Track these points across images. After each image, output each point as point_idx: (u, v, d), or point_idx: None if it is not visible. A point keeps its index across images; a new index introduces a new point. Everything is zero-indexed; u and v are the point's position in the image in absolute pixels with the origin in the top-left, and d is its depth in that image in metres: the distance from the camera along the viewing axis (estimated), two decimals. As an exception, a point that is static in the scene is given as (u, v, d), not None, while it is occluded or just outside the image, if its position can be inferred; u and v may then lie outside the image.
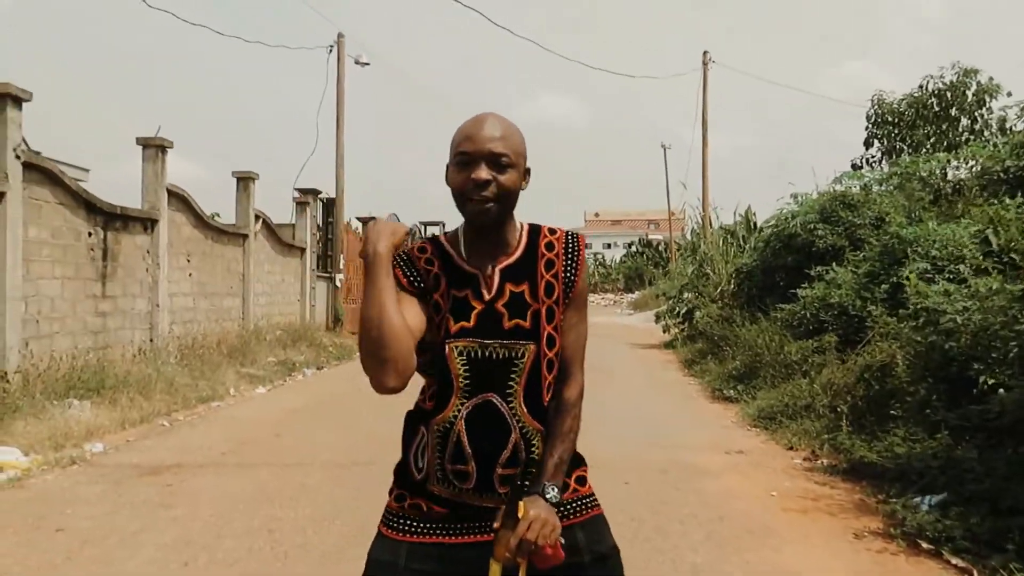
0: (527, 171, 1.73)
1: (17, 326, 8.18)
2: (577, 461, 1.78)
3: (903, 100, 15.09)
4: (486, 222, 1.67)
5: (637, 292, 40.84)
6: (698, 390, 9.72)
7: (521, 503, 1.60)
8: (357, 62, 19.90)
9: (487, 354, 1.68)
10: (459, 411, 1.68)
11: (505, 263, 1.72)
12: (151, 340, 10.82)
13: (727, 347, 10.57)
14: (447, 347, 1.69)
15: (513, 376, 1.69)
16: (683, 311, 15.06)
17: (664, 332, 16.04)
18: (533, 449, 1.69)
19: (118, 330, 10.19)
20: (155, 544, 3.98)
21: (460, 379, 1.68)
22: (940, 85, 14.58)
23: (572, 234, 1.80)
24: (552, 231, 1.79)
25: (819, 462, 5.64)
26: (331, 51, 19.29)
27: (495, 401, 1.68)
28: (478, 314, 1.69)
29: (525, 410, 1.69)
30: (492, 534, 1.63)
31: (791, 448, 6.18)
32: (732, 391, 8.76)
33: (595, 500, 1.79)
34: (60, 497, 4.91)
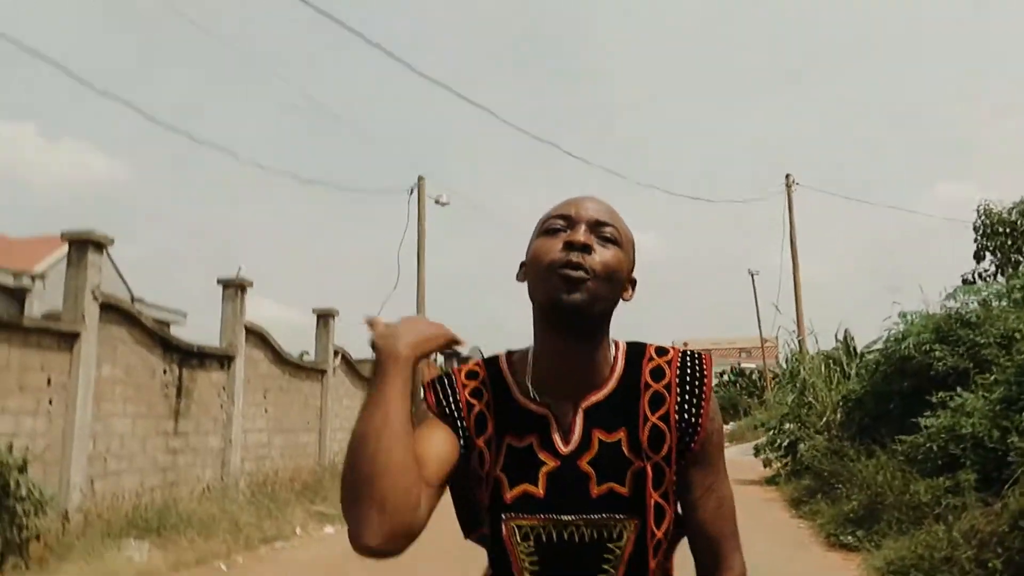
0: (633, 279, 1.21)
1: (82, 464, 7.99)
2: None
3: (1013, 208, 14.10)
4: (575, 305, 1.12)
5: (732, 423, 38.91)
6: (810, 535, 8.56)
7: None
8: (437, 202, 20.34)
9: (566, 537, 1.14)
10: None
11: (592, 400, 1.19)
12: (221, 478, 10.51)
13: (839, 484, 9.41)
14: (504, 526, 1.15)
15: (607, 570, 1.14)
16: (785, 443, 13.84)
17: (765, 467, 14.74)
18: None
19: (188, 467, 9.92)
20: None
21: (526, 572, 1.15)
22: (1053, 191, 13.57)
23: (691, 354, 1.23)
24: (662, 351, 1.23)
25: (975, 633, 4.57)
26: (412, 193, 19.80)
27: None
28: (550, 475, 1.16)
29: None
30: None
31: (934, 612, 5.10)
32: (850, 537, 7.63)
33: None
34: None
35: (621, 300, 1.19)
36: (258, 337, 11.85)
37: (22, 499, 6.86)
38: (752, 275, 38.46)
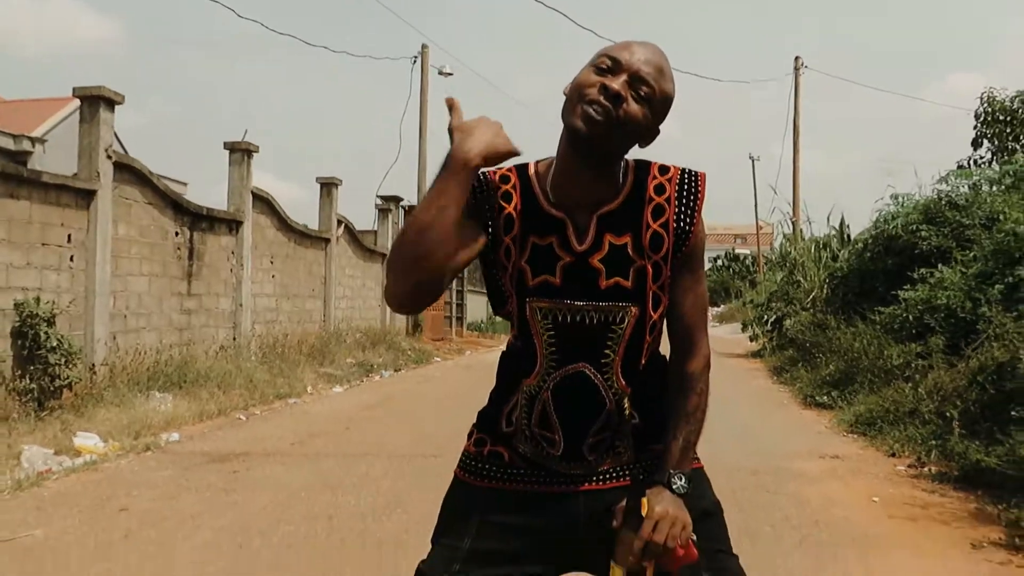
0: (657, 130, 1.41)
1: (105, 320, 8.40)
2: None
3: (1016, 97, 14.04)
4: (591, 138, 1.33)
5: (723, 305, 39.74)
6: (789, 397, 9.16)
7: (644, 499, 1.35)
8: (440, 72, 20.06)
9: (578, 319, 1.40)
10: (545, 381, 1.43)
11: (605, 209, 1.41)
12: (234, 338, 11.00)
13: (820, 354, 9.95)
14: (527, 307, 1.41)
15: (610, 344, 1.41)
16: (772, 319, 14.38)
17: (751, 341, 15.37)
18: (624, 411, 1.44)
19: (202, 327, 10.38)
20: (212, 527, 3.86)
21: (545, 346, 1.42)
22: (1058, 79, 13.50)
23: (689, 172, 1.46)
24: (664, 170, 1.45)
25: (926, 469, 5.11)
26: (415, 62, 19.51)
27: (588, 372, 1.41)
28: (565, 268, 1.40)
29: (622, 378, 1.42)
30: (575, 485, 1.44)
31: (893, 455, 5.64)
32: (826, 397, 8.19)
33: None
34: (129, 480, 4.89)
35: (636, 146, 1.41)
36: (264, 203, 12.07)
37: (52, 350, 7.30)
38: (753, 160, 38.38)
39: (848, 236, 17.15)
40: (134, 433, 6.36)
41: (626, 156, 1.44)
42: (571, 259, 1.40)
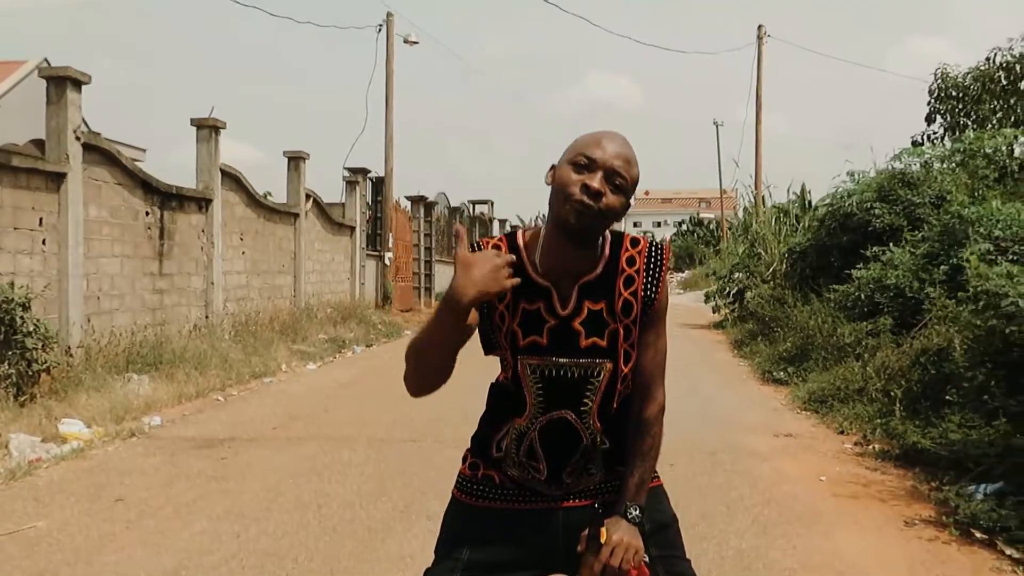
0: (629, 205, 1.67)
1: (79, 302, 8.47)
2: None
3: (968, 74, 14.50)
4: (578, 229, 1.59)
5: (687, 271, 40.39)
6: (748, 372, 9.59)
7: (602, 528, 1.62)
8: (406, 41, 19.93)
9: (562, 373, 1.67)
10: (533, 424, 1.70)
11: (585, 279, 1.67)
12: (206, 317, 11.11)
13: (778, 328, 10.39)
14: (519, 363, 1.69)
15: (588, 394, 1.68)
16: (733, 291, 14.83)
17: (714, 312, 15.83)
18: (597, 443, 1.72)
19: (175, 307, 10.47)
20: (208, 516, 4.11)
21: (534, 395, 1.69)
22: (1009, 58, 13.95)
23: (656, 246, 1.74)
24: (635, 242, 1.73)
25: (871, 447, 5.52)
26: (380, 30, 19.35)
27: (569, 418, 1.69)
28: (551, 330, 1.66)
29: (597, 421, 1.70)
30: (555, 503, 1.73)
31: (842, 432, 6.06)
32: (782, 373, 8.62)
33: (655, 473, 1.80)
34: (120, 468, 5.09)
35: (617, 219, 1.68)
36: (233, 180, 12.09)
37: (29, 334, 7.38)
38: (717, 126, 38.71)
39: (810, 203, 17.65)
40: (116, 418, 6.53)
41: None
42: (556, 322, 1.66)
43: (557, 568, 1.77)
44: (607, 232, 1.72)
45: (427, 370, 1.63)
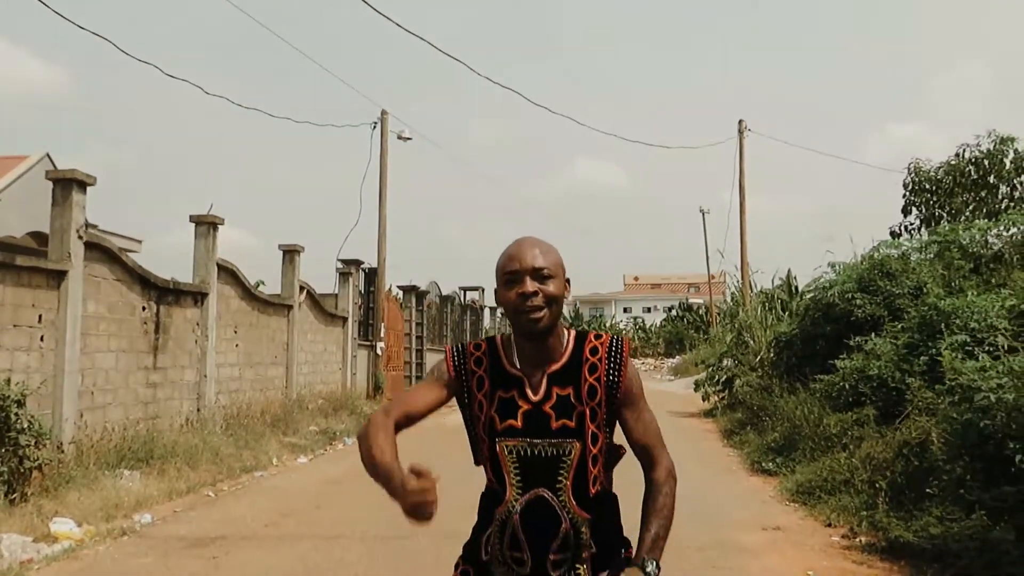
0: (567, 280, 1.94)
1: (73, 398, 8.54)
2: (623, 546, 1.98)
3: (940, 168, 15.11)
4: (537, 330, 1.87)
5: (678, 357, 40.49)
6: (738, 462, 9.64)
7: None
8: (400, 137, 20.60)
9: (536, 452, 1.88)
10: (514, 506, 1.88)
11: (552, 368, 1.91)
12: (198, 410, 11.14)
13: (766, 418, 10.50)
14: (497, 445, 1.90)
15: (562, 472, 1.87)
16: (722, 379, 14.98)
17: (704, 400, 15.92)
18: (582, 536, 1.87)
19: (167, 400, 10.53)
20: (201, 618, 4.13)
21: (512, 475, 1.89)
22: (977, 153, 14.58)
23: (616, 337, 1.98)
24: (598, 336, 1.99)
25: (857, 540, 5.58)
26: (375, 127, 20.03)
27: (546, 496, 1.87)
28: (525, 414, 1.88)
29: (574, 502, 1.88)
30: None
31: (829, 524, 6.12)
32: (771, 464, 8.69)
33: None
34: (110, 570, 5.10)
35: (564, 299, 1.93)
36: (228, 273, 12.33)
37: (22, 431, 7.43)
38: (703, 213, 39.56)
39: (796, 288, 18.00)
40: (107, 516, 6.54)
41: (568, 328, 1.99)
42: (528, 407, 1.89)
43: None
44: (571, 331, 1.98)
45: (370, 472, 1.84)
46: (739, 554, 5.36)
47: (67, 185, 8.67)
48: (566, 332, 1.96)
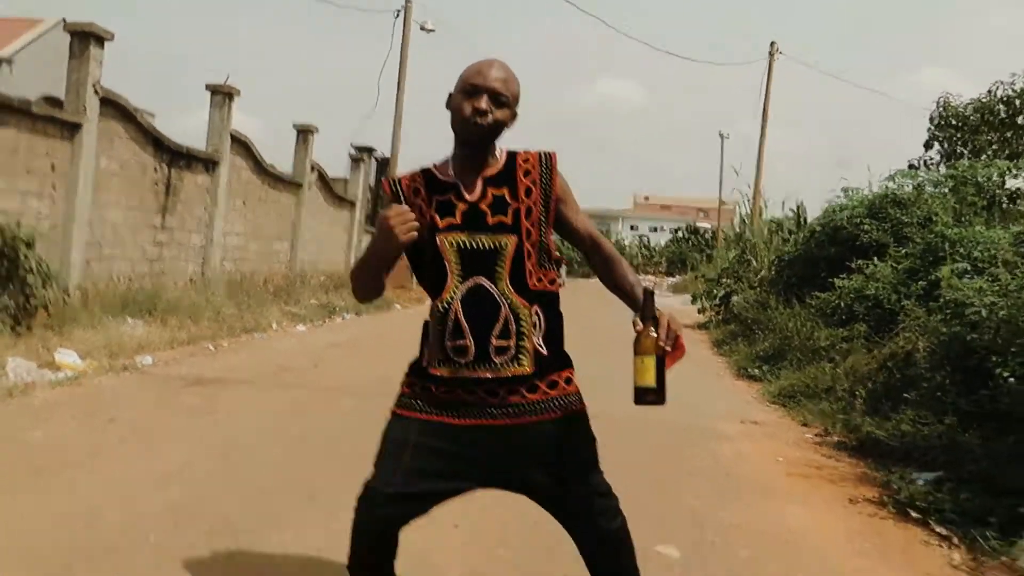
0: (516, 114, 2.05)
1: (81, 246, 8.70)
2: (565, 363, 2.08)
3: (969, 104, 14.80)
4: (475, 141, 1.99)
5: (679, 276, 40.64)
6: (725, 368, 9.84)
7: (648, 320, 1.94)
8: (423, 28, 20.14)
9: (475, 245, 1.99)
10: (455, 293, 1.99)
11: (487, 173, 2.03)
12: (203, 273, 11.34)
13: (758, 330, 10.65)
14: (439, 239, 1.99)
15: (499, 263, 1.99)
16: (721, 295, 15.10)
17: (699, 313, 16.09)
18: (522, 323, 1.98)
19: (173, 260, 10.70)
20: (197, 440, 4.34)
21: (452, 264, 1.99)
22: (1010, 92, 14.26)
23: (543, 152, 2.09)
24: (527, 154, 2.08)
25: (829, 438, 5.78)
26: (398, 16, 19.56)
27: (485, 284, 1.98)
28: (463, 212, 2.00)
29: (512, 290, 1.99)
30: (490, 419, 1.97)
31: (805, 424, 6.32)
32: (757, 370, 8.87)
33: (580, 399, 2.09)
34: (113, 396, 5.32)
35: (507, 127, 2.02)
36: (242, 146, 12.31)
37: (31, 271, 7.59)
38: (723, 137, 38.99)
39: (804, 219, 17.92)
40: (111, 353, 6.76)
41: (500, 147, 2.07)
42: (465, 206, 2.01)
43: (488, 480, 2.05)
44: (504, 149, 2.09)
45: (366, 283, 2.07)
46: (715, 438, 5.56)
47: (84, 38, 8.58)
48: (501, 149, 2.06)
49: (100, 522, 3.03)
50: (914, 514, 3.95)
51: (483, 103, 1.95)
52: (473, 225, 1.99)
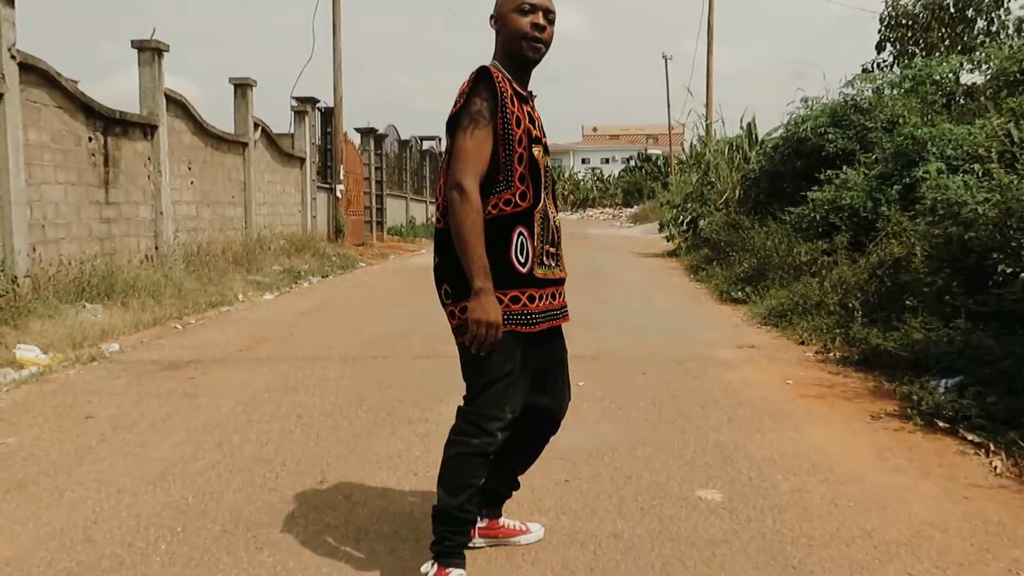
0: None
1: (24, 231, 8.13)
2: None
3: (918, 2, 14.64)
4: (536, 59, 2.19)
5: (636, 206, 40.66)
6: (705, 293, 9.77)
7: None
8: (352, -36, 19.19)
9: (547, 164, 2.28)
10: (547, 203, 2.23)
11: (533, 93, 2.27)
12: (156, 247, 10.80)
13: (733, 252, 10.56)
14: (535, 151, 2.18)
15: (554, 183, 2.33)
16: (687, 220, 15.00)
17: (668, 241, 16.02)
18: (560, 235, 2.34)
19: (123, 237, 10.15)
20: (186, 428, 4.05)
21: (542, 178, 2.21)
22: (958, -15, 14.11)
23: None
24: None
25: (831, 354, 5.71)
26: (325, -48, 18.57)
27: (549, 202, 2.28)
28: (540, 129, 2.25)
29: (554, 206, 2.32)
30: (562, 319, 2.35)
31: (802, 343, 6.25)
32: (740, 293, 8.80)
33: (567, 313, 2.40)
34: (85, 389, 4.97)
35: None
36: (178, 106, 11.63)
37: (-28, 262, 7.08)
38: (666, 59, 38.55)
39: (756, 136, 17.81)
40: (74, 344, 6.35)
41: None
42: (538, 124, 2.26)
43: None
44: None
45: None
46: (716, 367, 5.45)
47: (-9, -2, 7.84)
48: None
49: (99, 534, 2.76)
50: (941, 424, 3.87)
51: (540, 18, 2.13)
52: (545, 147, 2.27)
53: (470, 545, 2.39)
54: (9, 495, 3.14)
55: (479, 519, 2.48)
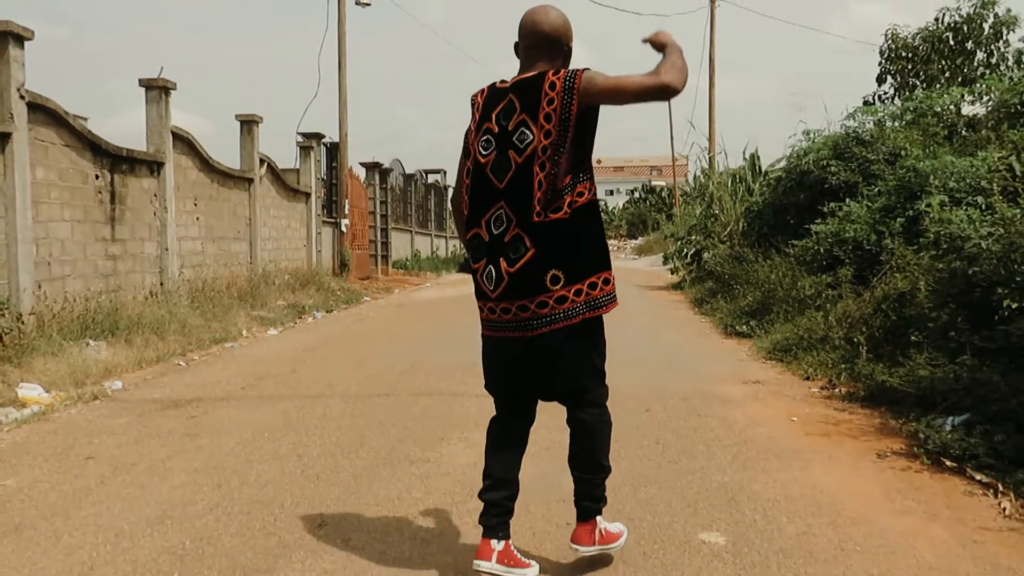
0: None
1: (29, 268, 8.17)
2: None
3: (918, 34, 14.78)
4: None
5: (641, 238, 40.71)
6: (710, 327, 9.73)
7: None
8: (358, 3, 19.49)
9: None
10: None
11: None
12: (161, 283, 10.83)
13: (738, 285, 10.54)
14: None
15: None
16: (691, 252, 15.00)
17: (672, 274, 16.01)
18: None
19: (129, 273, 10.19)
20: (186, 469, 4.02)
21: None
22: (956, 18, 14.25)
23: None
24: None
25: (837, 390, 5.66)
26: (332, -8, 18.86)
27: None
28: None
29: None
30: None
31: (808, 378, 6.19)
32: (744, 327, 8.75)
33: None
34: (86, 429, 4.95)
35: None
36: (185, 143, 11.75)
37: (-23, 301, 7.10)
38: (668, 93, 38.74)
39: (760, 168, 17.86)
40: (77, 382, 6.34)
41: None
42: None
43: None
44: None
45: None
46: (721, 403, 5.40)
47: (3, 39, 7.97)
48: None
49: (94, 581, 2.73)
50: (948, 463, 3.82)
51: None
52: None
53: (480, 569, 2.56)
54: (6, 539, 3.12)
55: (498, 541, 2.55)
